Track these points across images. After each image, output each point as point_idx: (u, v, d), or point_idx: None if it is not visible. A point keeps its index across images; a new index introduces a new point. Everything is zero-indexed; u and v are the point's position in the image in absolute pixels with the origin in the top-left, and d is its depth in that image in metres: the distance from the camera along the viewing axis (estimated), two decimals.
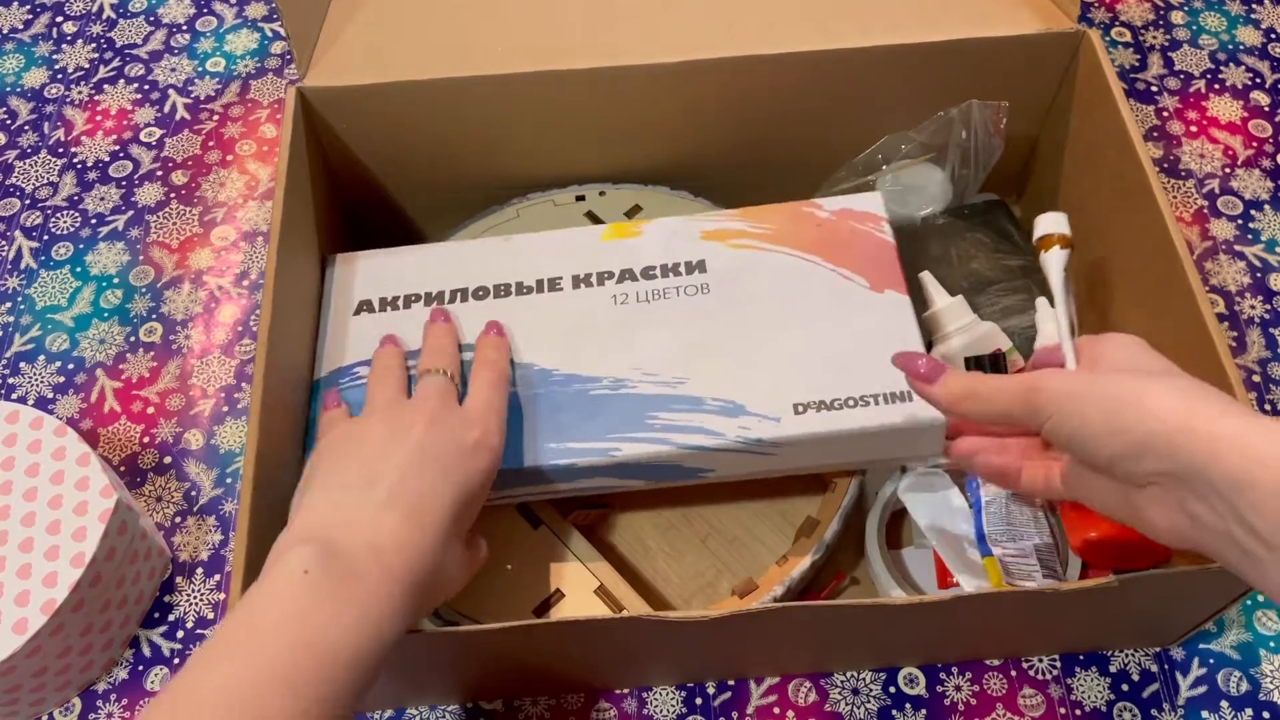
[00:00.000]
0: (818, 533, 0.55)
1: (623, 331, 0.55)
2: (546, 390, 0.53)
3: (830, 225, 0.58)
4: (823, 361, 0.52)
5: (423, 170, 0.68)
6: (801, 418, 0.51)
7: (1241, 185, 0.76)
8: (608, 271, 0.57)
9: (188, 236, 0.76)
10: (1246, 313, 0.71)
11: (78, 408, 0.69)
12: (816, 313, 0.54)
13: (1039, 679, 0.58)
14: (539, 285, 0.57)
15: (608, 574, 0.54)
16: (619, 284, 0.56)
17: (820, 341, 0.53)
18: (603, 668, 0.56)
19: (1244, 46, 0.83)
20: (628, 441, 0.51)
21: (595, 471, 0.51)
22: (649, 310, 0.55)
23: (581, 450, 0.51)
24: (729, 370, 0.53)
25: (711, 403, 0.52)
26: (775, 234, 0.58)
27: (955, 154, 0.65)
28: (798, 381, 0.52)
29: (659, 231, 0.59)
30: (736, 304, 0.55)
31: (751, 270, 0.56)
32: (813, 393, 0.51)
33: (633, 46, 0.62)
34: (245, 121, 0.81)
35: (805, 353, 0.53)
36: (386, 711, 0.58)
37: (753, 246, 0.57)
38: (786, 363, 0.53)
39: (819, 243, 0.57)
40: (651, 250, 0.58)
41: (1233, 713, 0.57)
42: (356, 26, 0.64)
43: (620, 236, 0.59)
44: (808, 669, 0.58)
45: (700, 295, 0.56)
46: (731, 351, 0.53)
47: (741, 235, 0.58)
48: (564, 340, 0.55)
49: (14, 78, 0.84)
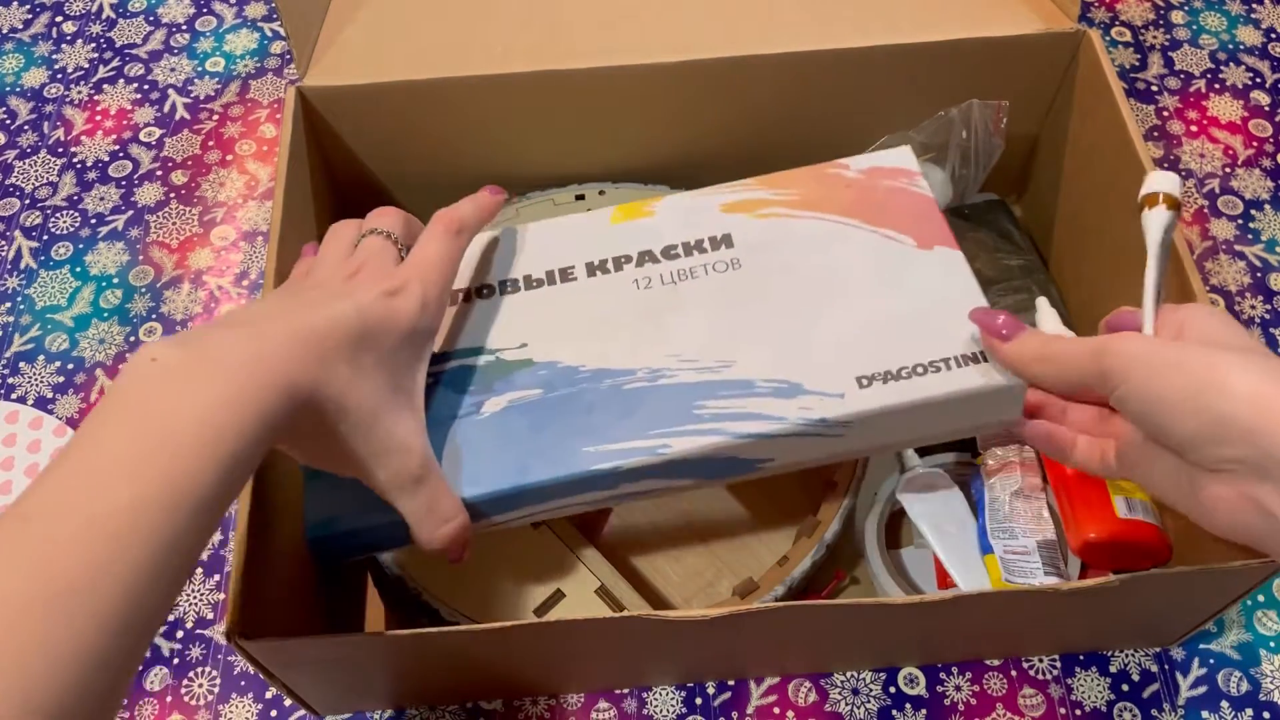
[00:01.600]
0: (818, 533, 0.55)
1: (651, 318, 0.49)
2: (575, 389, 0.48)
3: (862, 184, 0.53)
4: (881, 329, 0.47)
5: (423, 170, 0.68)
6: (868, 391, 0.46)
7: (1242, 185, 0.76)
8: (624, 255, 0.52)
9: (187, 236, 0.76)
10: (1247, 313, 0.71)
11: (77, 408, 0.68)
12: (864, 278, 0.49)
13: (1039, 679, 0.58)
14: (550, 277, 0.52)
15: (608, 574, 0.54)
16: (639, 267, 0.51)
17: (874, 308, 0.48)
18: (603, 667, 0.56)
19: (1244, 46, 0.83)
20: (677, 436, 0.46)
21: (642, 473, 0.46)
22: (676, 292, 0.50)
23: (624, 451, 0.46)
24: (778, 348, 0.48)
25: (764, 385, 0.46)
26: (803, 199, 0.53)
27: (955, 154, 0.66)
28: (857, 352, 0.47)
29: (674, 208, 0.53)
30: (773, 276, 0.50)
31: (784, 239, 0.51)
32: (876, 363, 0.46)
33: (633, 46, 0.62)
34: (245, 121, 0.81)
35: (860, 321, 0.48)
36: (386, 711, 0.58)
37: (781, 214, 0.52)
38: (841, 334, 0.48)
39: (853, 204, 0.52)
40: (669, 228, 0.53)
41: (1233, 713, 0.57)
42: (356, 26, 0.64)
43: (632, 218, 0.53)
44: (808, 669, 0.58)
45: (731, 271, 0.50)
46: (777, 328, 0.48)
47: (766, 204, 0.53)
48: (586, 334, 0.49)
49: (14, 77, 0.84)
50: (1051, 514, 0.58)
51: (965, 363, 0.46)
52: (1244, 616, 0.60)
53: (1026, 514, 0.57)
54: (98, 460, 0.33)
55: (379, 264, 0.43)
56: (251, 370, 0.36)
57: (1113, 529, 0.54)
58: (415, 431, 0.43)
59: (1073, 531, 0.56)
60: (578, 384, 0.48)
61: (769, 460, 0.48)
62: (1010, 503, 0.57)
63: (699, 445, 0.45)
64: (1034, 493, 0.57)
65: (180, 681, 0.59)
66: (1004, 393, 0.46)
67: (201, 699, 0.59)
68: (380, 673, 0.53)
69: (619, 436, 0.46)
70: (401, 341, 0.42)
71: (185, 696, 0.59)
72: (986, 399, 0.46)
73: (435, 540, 0.43)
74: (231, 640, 0.44)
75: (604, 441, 0.46)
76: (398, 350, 0.42)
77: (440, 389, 0.48)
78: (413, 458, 0.42)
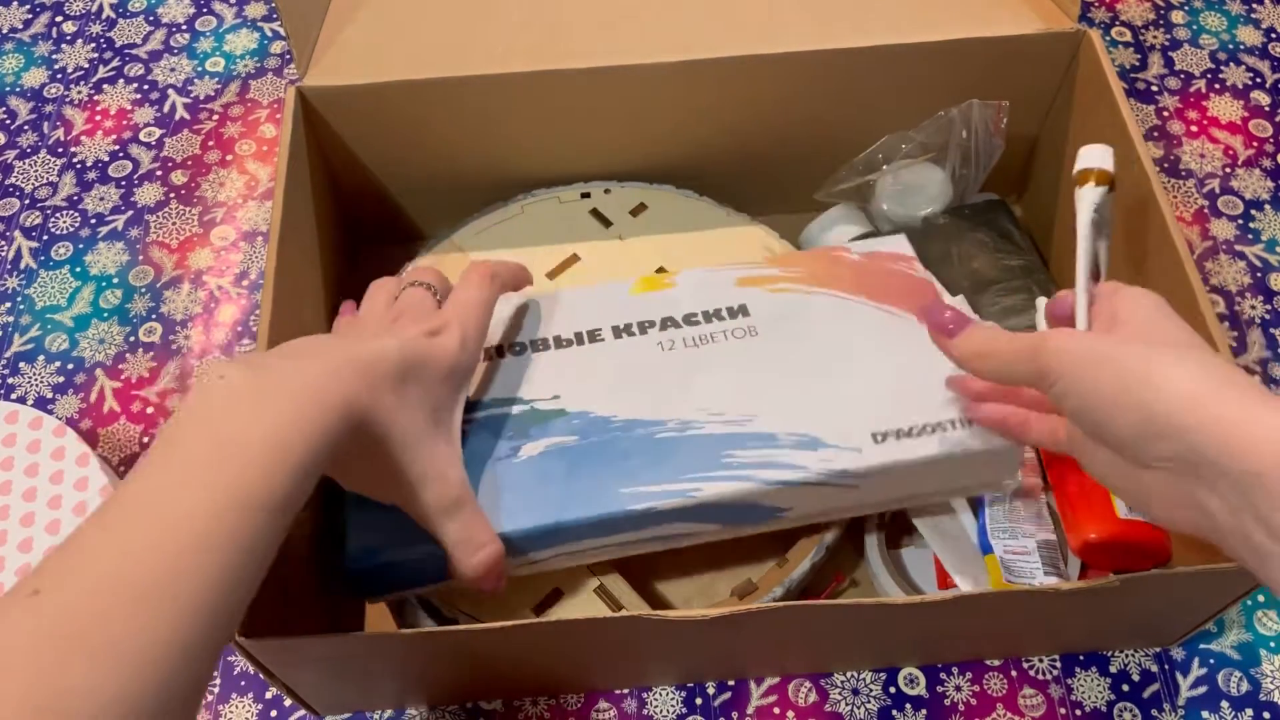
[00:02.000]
0: (818, 534, 0.55)
1: (678, 375, 0.53)
2: (609, 437, 0.50)
3: (865, 266, 0.58)
4: (890, 392, 0.51)
5: (423, 170, 0.68)
6: (882, 446, 0.49)
7: (1242, 185, 0.76)
8: (648, 320, 0.55)
9: (187, 236, 0.76)
10: (1247, 313, 0.71)
11: (77, 408, 0.68)
12: (872, 347, 0.54)
13: (1039, 679, 0.58)
14: (578, 338, 0.55)
15: (607, 573, 0.54)
16: (662, 331, 0.55)
17: (882, 374, 0.52)
18: (602, 667, 0.56)
19: (1244, 46, 0.83)
20: (708, 481, 0.49)
21: (675, 515, 0.49)
22: (700, 354, 0.54)
23: (659, 493, 0.48)
24: (797, 405, 0.51)
25: (786, 438, 0.50)
26: (812, 276, 0.57)
27: (955, 154, 0.66)
28: (871, 412, 0.50)
29: (690, 281, 0.57)
30: (789, 343, 0.54)
31: (797, 311, 0.55)
32: (889, 422, 0.50)
33: (633, 46, 0.62)
34: (245, 121, 0.81)
35: (870, 385, 0.52)
36: (386, 711, 0.58)
37: (793, 289, 0.57)
38: (854, 395, 0.51)
39: (858, 282, 0.57)
40: (688, 298, 0.56)
41: (1233, 713, 0.57)
42: (356, 26, 0.64)
43: (651, 289, 0.57)
44: (808, 669, 0.58)
45: (749, 337, 0.54)
46: (795, 387, 0.52)
47: (778, 279, 0.57)
48: (617, 388, 0.53)
49: (13, 77, 0.84)
50: (1051, 514, 0.58)
51: (966, 425, 0.50)
52: (1244, 616, 0.60)
53: (1026, 514, 0.57)
54: (175, 469, 0.36)
55: (419, 310, 0.47)
56: (313, 392, 0.39)
57: (1113, 529, 0.54)
58: (453, 462, 0.46)
59: (1073, 532, 0.56)
60: (611, 432, 0.51)
61: (788, 510, 0.51)
62: (1009, 503, 0.57)
63: (729, 490, 0.48)
64: (1033, 493, 0.57)
65: None
66: (1000, 454, 0.50)
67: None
68: (380, 673, 0.53)
69: (653, 480, 0.49)
70: (442, 377, 0.45)
71: None
72: (985, 458, 0.50)
73: (471, 566, 0.46)
74: (231, 640, 0.44)
75: (639, 484, 0.49)
76: (438, 385, 0.45)
77: (478, 432, 0.51)
78: (450, 486, 0.45)
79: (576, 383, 0.53)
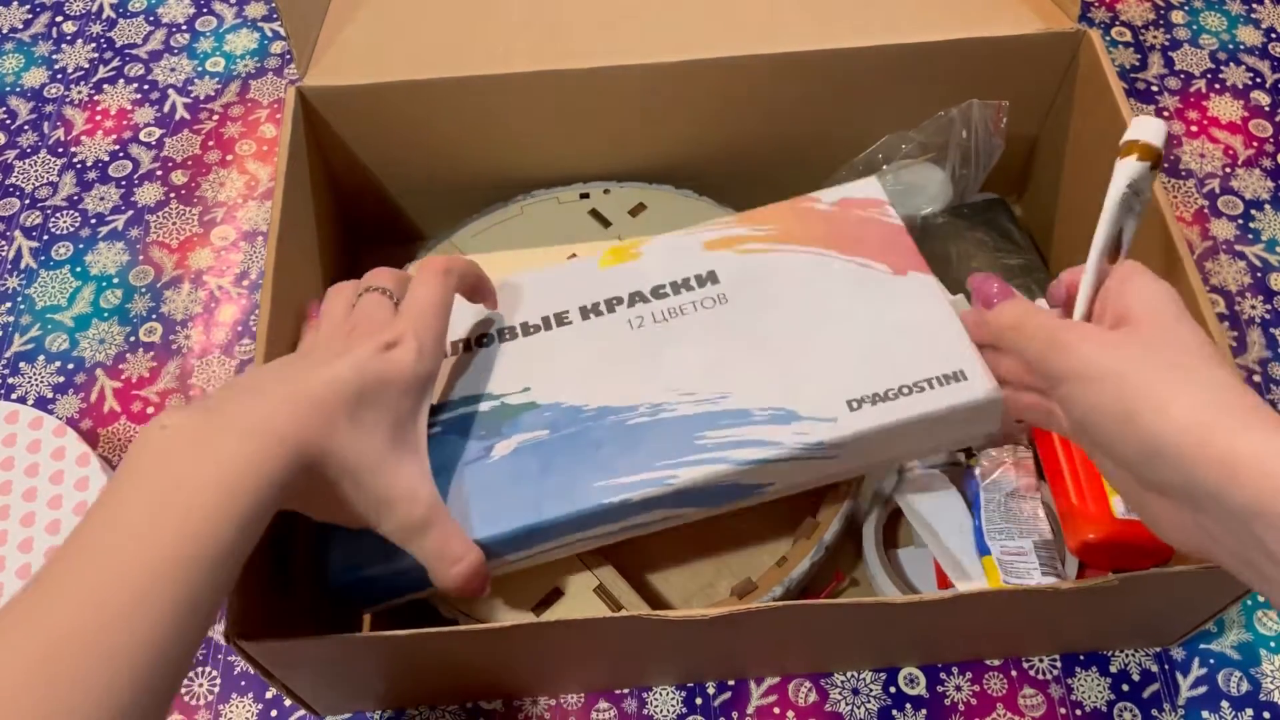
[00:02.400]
0: (817, 534, 0.55)
1: (647, 354, 0.52)
2: (580, 428, 0.49)
3: (835, 216, 0.56)
4: (864, 354, 0.50)
5: (423, 170, 0.68)
6: (858, 414, 0.48)
7: (1242, 185, 0.76)
8: (615, 297, 0.54)
9: (187, 236, 0.76)
10: (1247, 313, 0.71)
11: (77, 408, 0.68)
12: (845, 306, 0.52)
13: (1039, 679, 0.58)
14: (546, 322, 0.54)
15: (606, 573, 0.54)
16: (630, 308, 0.53)
17: (856, 334, 0.51)
18: (602, 668, 0.56)
19: (1244, 46, 0.83)
20: (682, 466, 0.48)
21: (652, 504, 0.48)
22: (669, 329, 0.52)
23: (633, 484, 0.48)
24: (770, 377, 0.50)
25: (760, 413, 0.49)
26: (781, 233, 0.56)
27: (955, 153, 0.65)
28: (845, 378, 0.49)
29: (658, 250, 0.56)
30: (759, 309, 0.53)
31: (766, 273, 0.54)
32: (864, 386, 0.49)
33: (633, 46, 0.62)
34: (245, 121, 0.81)
35: (844, 348, 0.51)
36: (386, 711, 0.58)
37: (761, 249, 0.55)
38: (828, 361, 0.50)
39: (828, 235, 0.55)
40: (655, 269, 0.55)
41: (1233, 713, 0.57)
42: (356, 26, 0.64)
43: (619, 261, 0.56)
44: (808, 669, 0.58)
45: (719, 306, 0.53)
46: (767, 358, 0.51)
47: (746, 240, 0.56)
48: (586, 374, 0.51)
49: (14, 77, 0.84)
50: (1048, 513, 0.58)
51: (946, 381, 0.48)
52: (1244, 616, 0.60)
53: (1022, 514, 0.57)
54: (116, 524, 0.35)
55: (374, 318, 0.45)
56: (260, 434, 0.38)
57: (1111, 529, 0.54)
58: (419, 478, 0.44)
59: (1071, 532, 0.56)
60: (582, 422, 0.50)
61: (769, 485, 0.50)
62: (1005, 503, 0.57)
63: (704, 474, 0.48)
64: (1029, 493, 0.57)
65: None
66: (982, 406, 0.48)
67: (201, 699, 0.59)
68: (380, 673, 0.53)
69: (627, 470, 0.48)
70: (401, 393, 0.44)
71: (185, 696, 0.59)
72: (966, 413, 0.48)
73: (450, 580, 0.45)
74: (231, 640, 0.44)
75: (612, 476, 0.48)
76: (397, 401, 0.44)
77: (447, 434, 0.50)
78: (417, 505, 0.44)
79: (546, 372, 0.52)
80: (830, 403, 0.49)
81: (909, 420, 0.48)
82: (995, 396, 0.48)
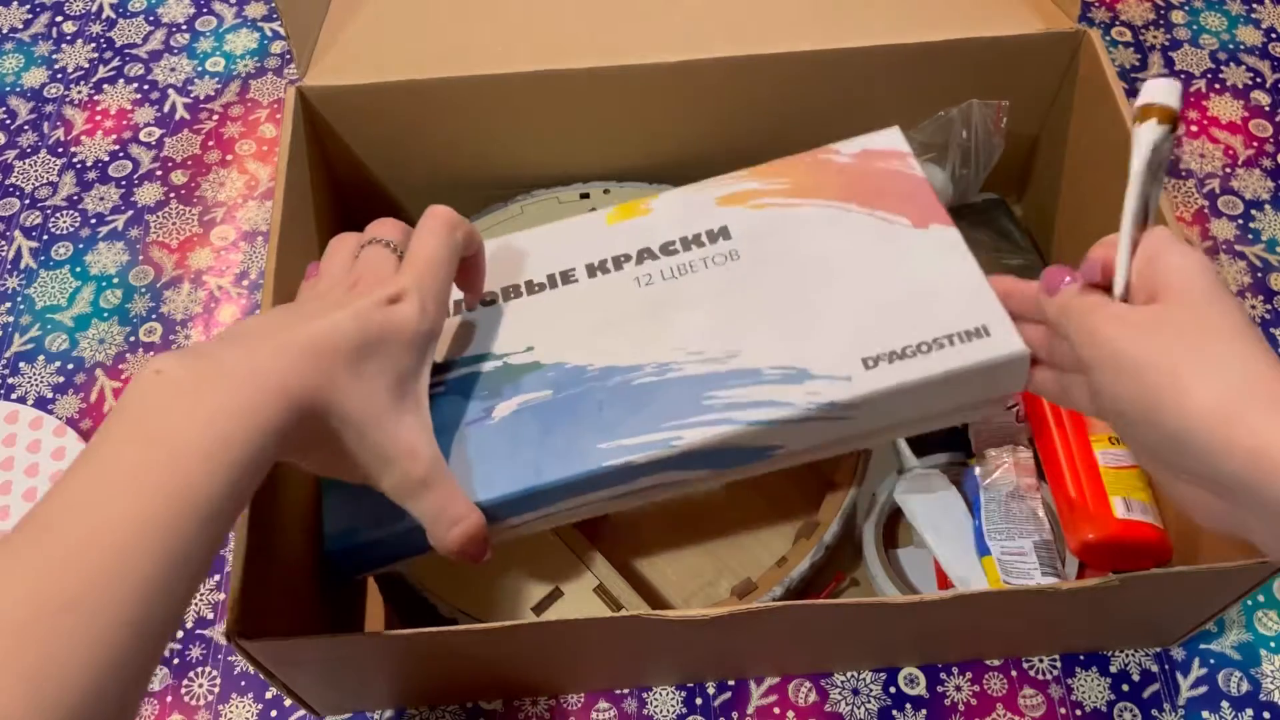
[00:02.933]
0: (817, 534, 0.55)
1: (655, 314, 0.50)
2: (585, 388, 0.48)
3: (853, 169, 0.53)
4: (882, 310, 0.48)
5: (423, 170, 0.68)
6: (874, 372, 0.46)
7: (1242, 185, 0.76)
8: (624, 254, 0.52)
9: (187, 236, 0.76)
10: (1247, 313, 0.71)
11: (77, 408, 0.68)
12: (862, 260, 0.50)
13: (1039, 679, 0.58)
14: (551, 280, 0.52)
15: (607, 573, 0.54)
16: (639, 265, 0.51)
17: (874, 289, 0.48)
18: (602, 668, 0.56)
19: (1244, 46, 0.83)
20: (689, 427, 0.46)
21: (657, 466, 0.46)
22: (678, 287, 0.50)
23: (638, 445, 0.46)
24: (782, 335, 0.48)
25: (771, 372, 0.46)
26: (797, 186, 0.53)
27: (956, 153, 0.65)
28: (861, 335, 0.47)
29: (669, 205, 0.54)
30: (773, 265, 0.50)
31: (781, 228, 0.51)
32: (880, 344, 0.46)
33: (633, 46, 0.62)
34: (245, 121, 0.81)
35: (861, 303, 0.48)
36: (386, 711, 0.58)
37: (777, 204, 0.52)
38: (844, 317, 0.48)
39: (846, 188, 0.52)
40: (665, 225, 0.53)
41: (1233, 713, 0.57)
42: (356, 26, 0.64)
43: (628, 217, 0.53)
44: (808, 669, 0.58)
45: (731, 262, 0.50)
46: (780, 315, 0.48)
47: (760, 194, 0.53)
48: (592, 333, 0.49)
49: (14, 77, 0.84)
50: (1048, 513, 0.58)
51: (968, 338, 0.46)
52: (1244, 616, 0.60)
53: (1022, 515, 0.57)
54: (103, 474, 0.33)
55: (378, 272, 0.44)
56: (255, 381, 0.37)
57: (1111, 529, 0.54)
58: (420, 435, 0.43)
59: (1071, 532, 0.56)
60: (586, 383, 0.48)
61: (779, 448, 0.48)
62: (1006, 504, 0.57)
63: (710, 435, 0.45)
64: (1029, 493, 0.57)
65: (180, 681, 0.59)
66: (1007, 364, 0.46)
67: (201, 699, 0.59)
68: (380, 673, 0.53)
69: (631, 431, 0.46)
70: (403, 347, 0.42)
71: (185, 696, 0.59)
72: (990, 372, 0.46)
73: (449, 541, 0.43)
74: (231, 640, 0.44)
75: (616, 437, 0.46)
76: (400, 355, 0.42)
77: (449, 396, 0.48)
78: (419, 462, 0.42)
79: (550, 331, 0.50)
80: (845, 361, 0.46)
81: (928, 379, 0.46)
82: (1020, 353, 0.45)
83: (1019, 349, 0.45)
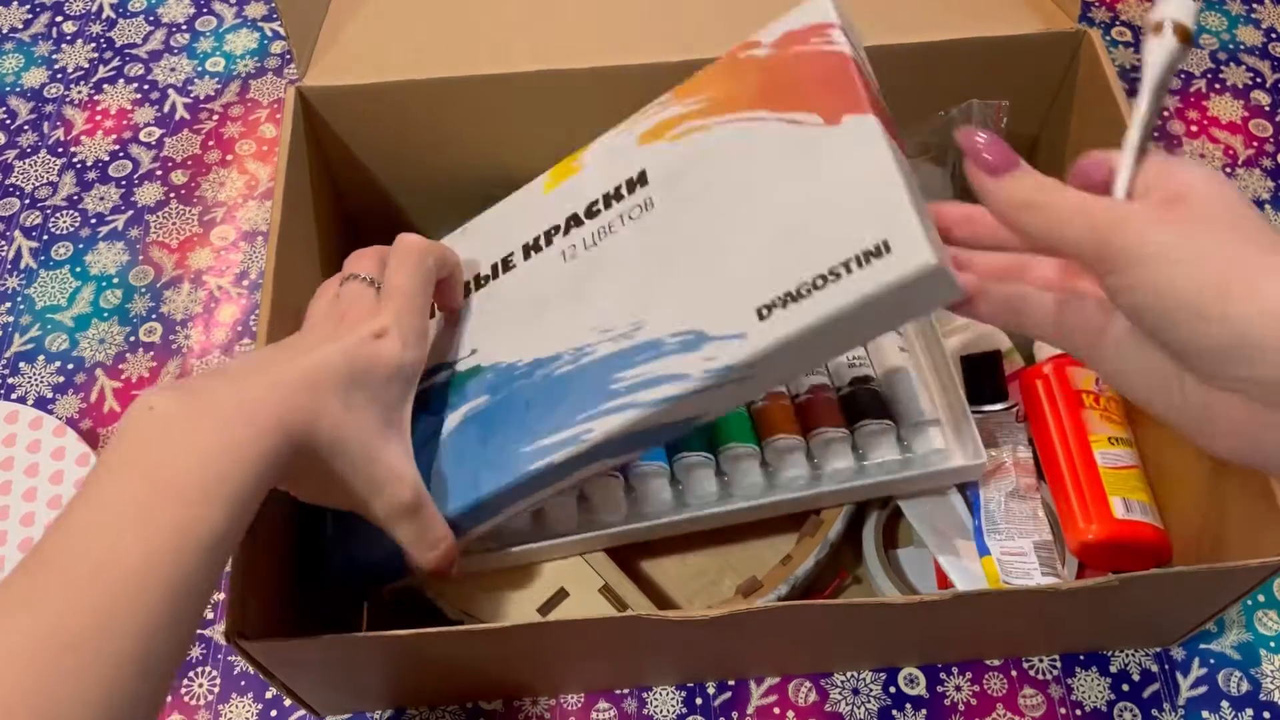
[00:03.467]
0: (821, 531, 0.55)
1: (575, 290, 0.47)
2: (512, 389, 0.46)
3: (772, 62, 0.46)
4: (782, 238, 0.42)
5: (423, 170, 0.68)
6: (767, 323, 0.41)
7: (1242, 185, 0.76)
8: (554, 226, 0.49)
9: (187, 236, 0.76)
10: None
11: (77, 408, 0.68)
12: (768, 180, 0.43)
13: (1039, 679, 0.58)
14: (494, 270, 0.50)
15: (612, 573, 0.54)
16: (565, 236, 0.49)
17: (777, 213, 0.42)
18: (603, 668, 0.56)
19: (1244, 46, 0.83)
20: (596, 418, 0.44)
21: (575, 463, 0.45)
22: (597, 254, 0.47)
23: (555, 445, 0.44)
24: (685, 294, 0.44)
25: (671, 341, 0.43)
26: (714, 103, 0.47)
27: (955, 154, 0.65)
28: (757, 277, 0.42)
29: (597, 156, 0.50)
30: (682, 209, 0.46)
31: (694, 161, 0.46)
32: (774, 285, 0.41)
33: (633, 46, 0.62)
34: (245, 121, 0.81)
35: (763, 235, 0.42)
36: (386, 711, 0.58)
37: (693, 129, 0.47)
38: (744, 258, 0.43)
39: (762, 90, 0.46)
40: (592, 182, 0.49)
41: (1233, 713, 0.57)
42: (356, 26, 0.64)
43: (563, 179, 0.51)
44: (808, 669, 0.58)
45: (645, 213, 0.46)
46: (685, 269, 0.44)
47: (680, 121, 0.48)
48: (522, 324, 0.48)
49: (13, 77, 0.84)
50: (1048, 513, 0.58)
51: (866, 260, 0.39)
52: (1244, 616, 0.60)
53: (1021, 515, 0.57)
54: (105, 509, 0.34)
55: (359, 308, 0.45)
56: (249, 415, 0.38)
57: (1111, 530, 0.54)
58: (406, 462, 0.44)
59: (1071, 532, 0.56)
60: (516, 382, 0.47)
61: (696, 417, 0.45)
62: (1005, 504, 0.57)
63: (616, 424, 0.43)
64: (1029, 493, 0.57)
65: (180, 681, 0.59)
66: (917, 283, 0.38)
67: (201, 699, 0.59)
68: (380, 673, 0.53)
69: (549, 430, 0.45)
70: (388, 380, 0.44)
71: (185, 696, 0.59)
72: (899, 294, 0.39)
73: (428, 561, 0.45)
74: (231, 640, 0.44)
75: (537, 438, 0.45)
76: (386, 387, 0.44)
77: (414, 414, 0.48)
78: (405, 488, 0.44)
79: (488, 330, 0.49)
80: (739, 314, 0.41)
81: (826, 319, 0.40)
82: (929, 266, 0.38)
83: (926, 262, 0.38)
